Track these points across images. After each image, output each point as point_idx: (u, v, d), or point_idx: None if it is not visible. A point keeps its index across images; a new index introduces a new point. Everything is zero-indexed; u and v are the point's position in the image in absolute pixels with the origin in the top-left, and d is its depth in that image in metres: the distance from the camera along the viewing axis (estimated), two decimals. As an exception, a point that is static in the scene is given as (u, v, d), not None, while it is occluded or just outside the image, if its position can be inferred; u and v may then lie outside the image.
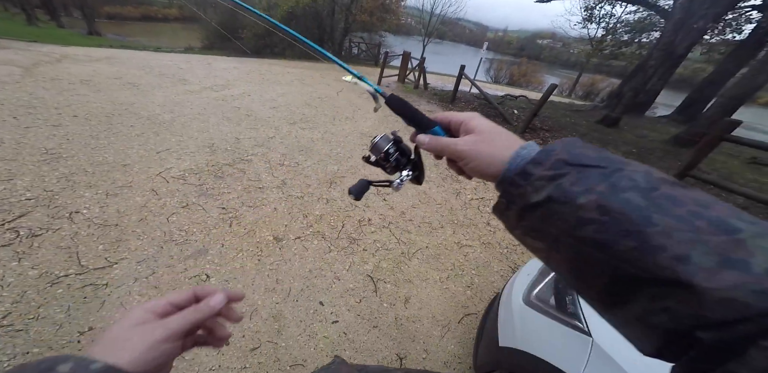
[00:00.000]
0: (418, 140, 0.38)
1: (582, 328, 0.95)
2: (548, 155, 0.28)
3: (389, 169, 0.42)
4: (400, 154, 0.42)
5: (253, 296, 1.61)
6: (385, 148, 0.41)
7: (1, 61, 4.74)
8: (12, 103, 3.23)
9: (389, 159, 0.41)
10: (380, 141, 0.41)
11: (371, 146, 0.41)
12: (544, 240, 0.27)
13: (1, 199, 1.92)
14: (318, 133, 3.97)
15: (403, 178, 0.41)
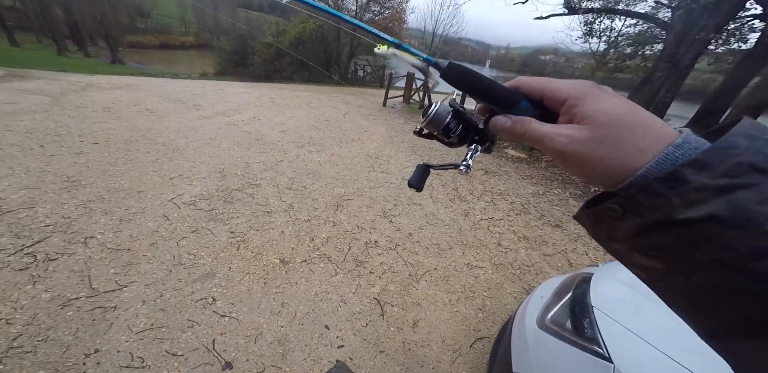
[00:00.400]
0: (495, 124, 0.29)
1: (602, 353, 0.93)
2: (724, 156, 0.19)
3: (450, 144, 0.35)
4: (464, 127, 0.34)
5: (259, 320, 1.63)
6: (445, 123, 0.33)
7: (33, 91, 5.18)
8: (40, 131, 3.50)
9: (450, 134, 0.34)
10: (438, 113, 0.33)
11: (426, 120, 0.33)
12: (670, 263, 0.21)
13: (22, 225, 2.04)
14: (325, 155, 4.12)
15: (469, 159, 0.33)
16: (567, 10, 10.80)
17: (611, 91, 0.26)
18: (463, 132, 0.34)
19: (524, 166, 4.91)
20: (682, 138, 0.21)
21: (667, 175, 0.20)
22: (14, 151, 2.96)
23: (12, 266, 1.74)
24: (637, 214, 0.21)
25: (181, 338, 1.48)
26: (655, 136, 0.22)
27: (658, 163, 0.21)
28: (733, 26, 8.82)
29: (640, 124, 0.22)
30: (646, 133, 0.22)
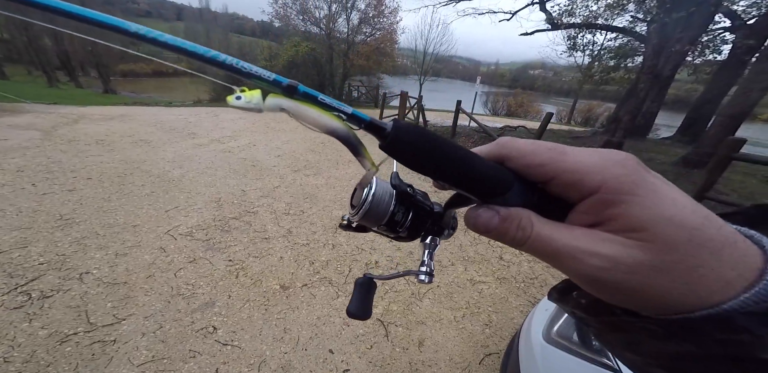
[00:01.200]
0: (475, 221, 0.21)
1: (611, 365, 0.95)
2: None
3: (398, 239, 0.27)
4: (415, 215, 0.25)
5: (261, 347, 1.66)
6: (388, 214, 0.24)
7: (23, 126, 5.36)
8: (32, 169, 3.62)
9: (397, 228, 0.25)
10: (376, 200, 0.24)
11: (360, 213, 0.25)
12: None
13: (15, 265, 2.09)
14: (322, 179, 4.26)
15: (429, 261, 0.26)
16: (550, 25, 11.67)
17: (655, 173, 0.18)
18: (415, 223, 0.25)
19: (521, 180, 5.07)
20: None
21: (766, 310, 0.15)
22: (5, 191, 3.04)
23: (6, 305, 1.78)
24: (696, 344, 0.17)
25: (183, 369, 1.50)
26: (744, 259, 0.16)
27: (757, 296, 0.16)
28: (706, 38, 9.55)
29: (725, 242, 0.16)
30: (734, 255, 0.16)
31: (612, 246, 0.17)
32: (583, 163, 0.18)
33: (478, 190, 0.20)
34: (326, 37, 17.37)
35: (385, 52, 18.96)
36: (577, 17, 11.10)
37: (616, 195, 0.17)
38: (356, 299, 0.29)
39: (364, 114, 0.21)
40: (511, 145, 0.21)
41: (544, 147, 0.20)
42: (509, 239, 0.20)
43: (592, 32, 13.68)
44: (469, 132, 8.14)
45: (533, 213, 0.20)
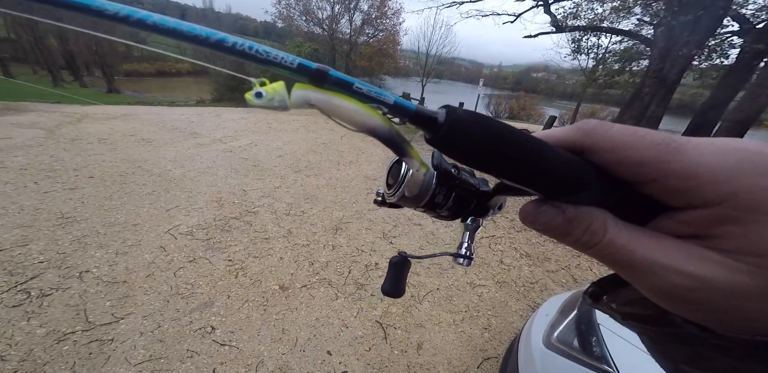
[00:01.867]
0: (534, 219, 0.19)
1: (611, 372, 0.96)
2: None
3: (440, 217, 0.26)
4: (457, 196, 0.24)
5: (259, 347, 1.66)
6: (428, 195, 0.23)
7: (27, 125, 5.42)
8: (34, 167, 3.65)
9: (437, 209, 0.24)
10: (426, 182, 0.22)
11: (397, 193, 0.23)
12: None
13: (15, 263, 2.11)
14: (323, 179, 4.27)
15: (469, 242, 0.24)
16: (554, 28, 11.69)
17: None
18: (458, 203, 0.23)
19: (523, 183, 5.07)
20: None
21: None
22: (8, 189, 3.06)
23: (5, 302, 1.79)
24: None
25: (180, 369, 1.51)
26: None
27: None
28: (713, 42, 9.54)
29: None
30: None
31: (709, 267, 0.15)
32: (707, 168, 0.14)
33: (544, 189, 0.17)
34: (329, 38, 17.52)
35: (388, 53, 19.09)
36: (582, 20, 11.12)
37: (746, 212, 0.14)
38: (390, 278, 0.28)
39: (410, 103, 0.17)
40: (601, 133, 0.17)
41: (650, 140, 0.16)
42: (572, 242, 0.18)
43: (597, 35, 13.69)
44: (471, 134, 8.13)
45: (609, 215, 0.17)
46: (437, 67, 28.50)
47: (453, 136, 0.16)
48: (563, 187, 0.17)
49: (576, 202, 0.17)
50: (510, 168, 0.16)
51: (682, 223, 0.16)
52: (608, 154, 0.16)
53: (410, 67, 34.94)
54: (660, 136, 0.16)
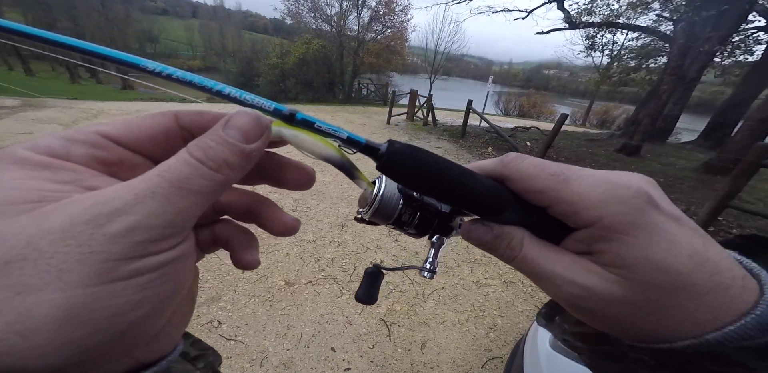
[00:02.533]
0: (469, 235, 0.22)
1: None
2: None
3: (409, 235, 0.28)
4: (423, 215, 0.26)
5: (264, 343, 1.67)
6: (395, 214, 0.25)
7: (46, 121, 5.58)
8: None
9: (404, 227, 0.26)
10: (385, 200, 0.25)
11: (370, 210, 0.25)
12: None
13: None
14: (330, 176, 4.28)
15: (433, 258, 0.27)
16: (568, 24, 11.39)
17: (670, 204, 0.18)
18: (423, 223, 0.26)
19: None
20: (766, 302, 0.16)
21: (765, 345, 0.15)
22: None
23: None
24: None
25: (187, 362, 1.53)
26: (730, 305, 0.16)
27: (745, 330, 0.15)
28: (737, 38, 9.16)
29: (713, 288, 0.16)
30: (717, 301, 0.16)
31: (592, 277, 0.18)
32: (582, 196, 0.18)
33: (472, 209, 0.21)
34: (337, 34, 17.46)
35: (395, 50, 18.93)
36: (597, 16, 10.79)
37: (609, 233, 0.17)
38: (364, 286, 0.31)
39: (359, 136, 0.21)
40: (514, 166, 0.20)
41: (546, 172, 0.19)
42: (499, 255, 0.21)
43: (613, 32, 13.31)
44: (479, 132, 8.04)
45: (527, 233, 0.20)
46: (446, 65, 28.22)
47: (391, 165, 0.20)
48: (485, 208, 0.21)
49: (502, 221, 0.21)
50: (439, 193, 0.21)
51: (576, 241, 0.19)
52: (519, 183, 0.20)
53: (418, 64, 34.60)
54: (555, 168, 0.19)
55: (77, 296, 0.11)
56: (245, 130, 0.16)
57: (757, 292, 0.17)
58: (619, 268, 0.17)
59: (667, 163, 6.76)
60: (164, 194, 0.13)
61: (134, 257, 0.13)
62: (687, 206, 4.23)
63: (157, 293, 0.13)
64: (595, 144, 8.34)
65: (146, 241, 0.13)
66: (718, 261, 0.17)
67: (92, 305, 0.11)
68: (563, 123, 5.49)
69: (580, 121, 21.74)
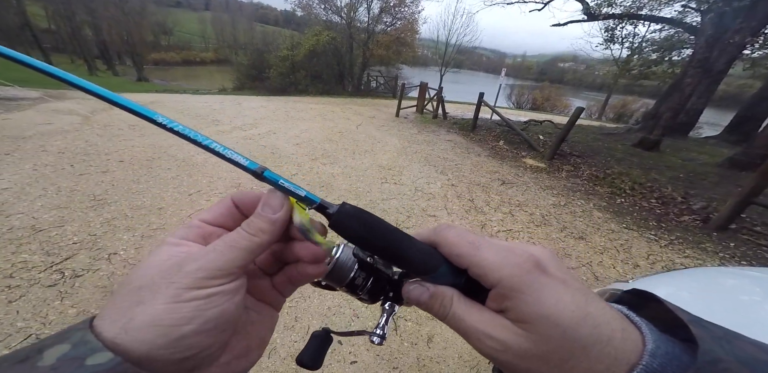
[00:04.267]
0: (408, 295, 0.24)
1: None
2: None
3: (361, 300, 0.29)
4: (375, 280, 0.27)
5: (272, 335, 1.68)
6: (349, 277, 0.26)
7: (65, 111, 5.68)
8: (71, 151, 3.83)
9: (357, 291, 0.27)
10: (340, 263, 0.26)
11: (324, 273, 0.26)
12: None
13: (52, 243, 2.22)
14: (338, 168, 4.25)
15: (384, 325, 0.27)
16: (586, 16, 10.85)
17: (560, 269, 0.21)
18: (374, 288, 0.27)
19: (544, 177, 4.86)
20: (651, 345, 0.18)
21: None
22: (48, 171, 3.24)
23: (42, 282, 1.88)
24: None
25: (197, 351, 1.55)
26: (615, 355, 0.18)
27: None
28: (771, 30, 8.57)
29: (596, 342, 0.18)
30: (604, 352, 0.18)
31: (506, 333, 0.20)
32: (488, 261, 0.21)
33: (408, 268, 0.24)
34: (347, 26, 17.14)
35: (406, 42, 18.49)
36: (618, 7, 10.21)
37: (509, 291, 0.20)
38: (310, 349, 0.30)
39: (316, 196, 0.24)
40: (442, 234, 0.24)
41: (466, 240, 0.22)
42: (434, 313, 0.23)
43: (634, 23, 12.64)
44: (490, 125, 7.85)
45: (456, 293, 0.23)
46: (457, 57, 27.47)
47: (339, 224, 0.23)
48: (417, 266, 0.23)
49: (436, 282, 0.23)
50: (380, 251, 0.24)
51: (491, 300, 0.21)
52: (445, 248, 0.23)
53: (429, 56, 33.82)
54: (473, 238, 0.23)
55: (157, 310, 0.18)
56: (272, 205, 0.23)
57: (640, 343, 0.19)
58: (522, 323, 0.19)
59: (687, 158, 6.47)
60: (220, 250, 0.21)
61: (194, 287, 0.19)
62: (708, 202, 4.04)
63: (203, 314, 0.19)
64: (612, 138, 8.04)
65: (204, 277, 0.19)
66: (598, 315, 0.19)
67: (163, 316, 0.18)
68: (578, 116, 5.29)
69: (596, 115, 21.00)
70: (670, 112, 6.77)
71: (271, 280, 0.27)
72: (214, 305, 0.19)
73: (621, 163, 5.52)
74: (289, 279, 0.27)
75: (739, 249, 3.16)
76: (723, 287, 1.25)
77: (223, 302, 0.20)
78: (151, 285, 0.19)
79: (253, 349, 0.24)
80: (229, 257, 0.20)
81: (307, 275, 0.26)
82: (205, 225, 0.24)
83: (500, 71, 10.92)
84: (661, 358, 0.18)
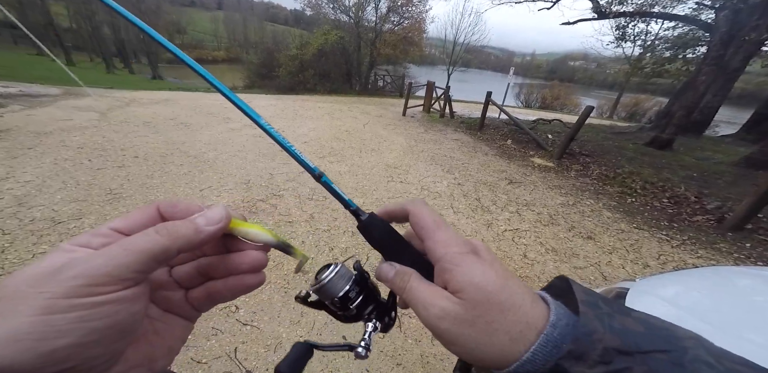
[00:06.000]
0: (378, 273, 0.28)
1: None
2: (591, 342, 0.20)
3: (343, 318, 0.30)
4: (365, 297, 0.29)
5: (279, 329, 1.69)
6: (343, 291, 0.28)
7: (84, 108, 5.81)
8: (89, 146, 3.91)
9: (348, 305, 0.28)
10: (337, 277, 0.28)
11: (318, 285, 0.28)
12: None
13: (71, 235, 2.26)
14: (345, 166, 4.24)
15: (368, 338, 0.28)
16: (597, 14, 10.52)
17: (490, 255, 0.25)
18: (363, 304, 0.29)
19: (552, 176, 4.77)
20: (553, 317, 0.21)
21: (550, 371, 0.20)
22: (68, 165, 3.32)
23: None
24: None
25: (205, 346, 1.56)
26: (527, 320, 0.21)
27: (536, 355, 0.20)
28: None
29: (512, 306, 0.21)
30: (518, 317, 0.21)
31: (446, 302, 0.23)
32: (441, 238, 0.25)
33: (391, 254, 0.28)
34: (355, 25, 17.04)
35: (413, 41, 18.30)
36: (629, 5, 9.86)
37: (448, 264, 0.23)
38: (290, 359, 0.29)
39: (353, 203, 0.30)
40: (417, 208, 0.28)
41: (432, 218, 0.26)
42: (396, 288, 0.26)
43: (646, 21, 12.21)
44: (498, 124, 7.73)
45: (415, 272, 0.26)
46: (464, 56, 27.10)
47: (366, 228, 0.29)
48: (393, 249, 0.28)
49: (402, 263, 0.27)
50: (387, 250, 0.29)
51: (437, 275, 0.25)
52: (414, 218, 0.27)
53: (436, 55, 33.40)
54: (438, 218, 0.27)
55: (20, 323, 0.15)
56: (209, 217, 0.23)
57: (547, 315, 0.22)
58: (457, 292, 0.22)
59: (702, 158, 6.26)
60: (111, 254, 0.18)
61: (72, 296, 0.16)
62: (722, 202, 3.91)
63: (87, 326, 0.17)
64: (623, 137, 7.84)
65: (84, 285, 0.17)
66: (513, 286, 0.22)
67: (28, 330, 0.15)
68: (588, 115, 5.16)
69: (607, 114, 20.50)
70: (683, 111, 6.55)
71: (186, 293, 0.25)
72: (104, 315, 0.17)
73: (632, 162, 5.37)
74: (208, 295, 0.25)
75: (755, 250, 3.05)
76: (735, 287, 1.20)
77: (116, 311, 0.17)
78: (13, 296, 0.16)
79: (158, 358, 0.23)
80: (122, 261, 0.18)
81: (244, 286, 0.25)
82: (116, 234, 0.21)
83: (509, 70, 10.72)
84: (561, 329, 0.21)
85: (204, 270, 0.25)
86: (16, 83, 7.52)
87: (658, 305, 1.08)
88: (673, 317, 1.01)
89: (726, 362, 0.19)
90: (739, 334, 0.90)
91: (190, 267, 0.25)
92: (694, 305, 1.08)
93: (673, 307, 1.05)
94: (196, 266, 0.25)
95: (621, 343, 0.19)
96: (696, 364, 0.19)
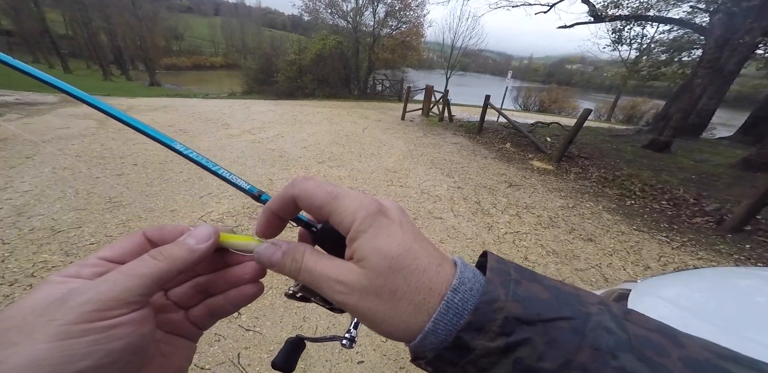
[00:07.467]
0: (259, 257, 0.24)
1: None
2: (491, 312, 0.19)
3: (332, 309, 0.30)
4: None
5: (281, 334, 1.70)
6: None
7: (82, 116, 5.84)
8: (88, 154, 3.95)
9: None
10: None
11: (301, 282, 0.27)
12: None
13: (71, 243, 2.28)
14: (345, 171, 4.29)
15: (353, 329, 0.28)
16: (593, 18, 10.74)
17: (400, 215, 0.23)
18: None
19: (551, 179, 4.82)
20: (455, 281, 0.20)
21: (453, 343, 0.19)
22: (66, 174, 3.33)
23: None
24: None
25: (208, 352, 1.58)
26: (431, 286, 0.20)
27: (437, 325, 0.19)
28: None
29: (415, 270, 0.20)
30: (421, 282, 0.20)
31: (350, 274, 0.20)
32: (344, 207, 0.21)
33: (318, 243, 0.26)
34: (353, 30, 17.29)
35: (411, 45, 18.54)
36: (625, 9, 10.08)
37: (356, 233, 0.21)
38: (284, 353, 0.31)
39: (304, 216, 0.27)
40: (300, 186, 0.23)
41: (324, 191, 0.22)
42: (287, 272, 0.23)
43: (642, 24, 12.46)
44: (497, 128, 7.82)
45: (309, 247, 0.23)
46: (462, 60, 27.41)
47: (319, 237, 0.26)
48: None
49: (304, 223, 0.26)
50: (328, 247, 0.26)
51: (348, 247, 0.22)
52: (305, 201, 0.23)
53: (434, 59, 33.80)
54: (331, 188, 0.22)
55: (38, 349, 0.16)
56: (198, 235, 0.23)
57: (452, 275, 0.20)
58: (361, 261, 0.20)
59: (699, 160, 6.34)
60: (113, 280, 0.19)
61: (84, 321, 0.17)
62: (721, 204, 3.96)
63: (103, 348, 0.17)
64: (621, 140, 7.93)
65: (95, 310, 0.17)
66: (419, 250, 0.21)
67: (46, 355, 0.16)
68: (586, 118, 5.25)
69: (604, 117, 20.71)
70: (680, 113, 6.66)
71: (186, 313, 0.25)
72: (117, 338, 0.18)
73: (631, 164, 5.44)
74: (209, 312, 0.25)
75: (755, 251, 3.09)
76: (736, 287, 1.23)
77: (127, 333, 0.18)
78: (23, 325, 0.16)
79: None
80: (125, 285, 0.19)
81: (245, 297, 0.25)
82: (105, 263, 0.21)
83: (506, 74, 10.88)
84: (463, 294, 0.20)
85: (202, 287, 0.25)
86: (12, 91, 7.56)
87: (660, 305, 1.10)
88: (675, 318, 1.05)
89: (633, 328, 0.19)
90: (742, 334, 0.92)
91: (186, 287, 0.25)
92: (696, 305, 1.10)
93: (675, 308, 1.07)
94: (193, 285, 0.25)
95: (523, 311, 0.18)
96: (597, 331, 0.18)
